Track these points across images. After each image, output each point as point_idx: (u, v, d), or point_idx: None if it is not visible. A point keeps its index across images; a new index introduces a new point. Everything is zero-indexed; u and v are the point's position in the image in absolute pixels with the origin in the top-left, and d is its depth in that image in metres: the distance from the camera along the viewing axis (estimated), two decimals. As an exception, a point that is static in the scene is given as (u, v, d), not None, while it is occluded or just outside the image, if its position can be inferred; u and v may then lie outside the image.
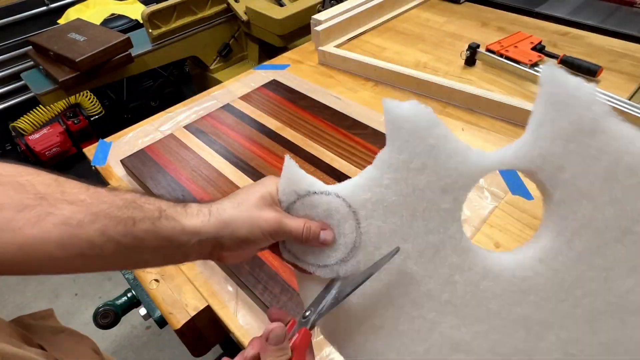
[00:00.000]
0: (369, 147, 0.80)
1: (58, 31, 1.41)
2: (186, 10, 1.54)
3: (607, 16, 1.24)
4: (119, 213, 0.34)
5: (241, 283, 0.61)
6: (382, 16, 1.33)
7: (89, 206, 0.33)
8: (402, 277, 0.37)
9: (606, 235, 0.33)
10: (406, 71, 1.01)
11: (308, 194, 0.38)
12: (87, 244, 0.32)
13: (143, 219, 0.34)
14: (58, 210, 0.32)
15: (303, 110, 0.92)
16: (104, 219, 0.33)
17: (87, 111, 2.13)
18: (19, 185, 0.32)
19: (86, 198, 0.34)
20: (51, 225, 0.31)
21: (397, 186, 0.36)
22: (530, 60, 1.03)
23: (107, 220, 0.33)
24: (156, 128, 0.95)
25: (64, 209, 0.32)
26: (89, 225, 0.32)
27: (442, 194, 0.35)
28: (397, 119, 0.35)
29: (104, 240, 0.32)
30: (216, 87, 1.08)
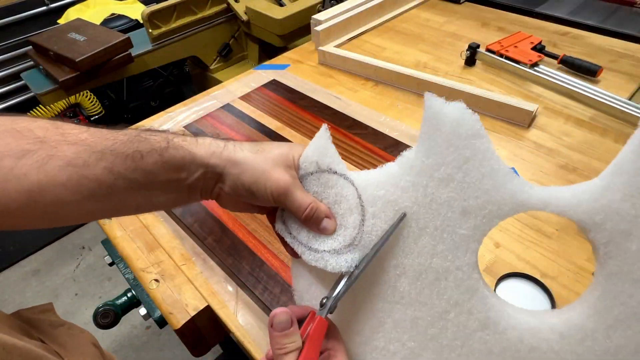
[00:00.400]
0: (369, 147, 0.80)
1: (58, 31, 1.42)
2: (186, 10, 1.54)
3: (607, 16, 1.24)
4: (124, 148, 0.32)
5: (241, 283, 0.61)
6: (382, 16, 1.33)
7: (92, 145, 0.32)
8: (391, 292, 0.33)
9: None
10: (406, 71, 1.01)
11: (328, 171, 0.36)
12: (96, 183, 0.31)
13: (150, 151, 0.32)
14: (60, 152, 0.30)
15: (303, 110, 0.92)
16: (110, 156, 0.31)
17: (87, 111, 2.13)
18: (16, 132, 0.31)
19: (87, 137, 0.32)
20: (57, 168, 0.30)
21: (415, 192, 0.32)
22: (530, 60, 1.03)
23: (113, 157, 0.31)
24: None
25: (67, 150, 0.31)
26: (96, 164, 0.31)
27: (462, 216, 0.30)
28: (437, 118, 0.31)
29: (112, 178, 0.31)
30: (216, 87, 1.08)
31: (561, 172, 0.79)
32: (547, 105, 0.95)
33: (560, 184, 0.77)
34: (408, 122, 0.92)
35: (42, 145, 0.30)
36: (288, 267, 0.60)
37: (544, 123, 0.90)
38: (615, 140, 0.85)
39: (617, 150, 0.87)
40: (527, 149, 0.84)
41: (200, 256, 0.67)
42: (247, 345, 0.57)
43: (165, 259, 0.68)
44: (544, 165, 0.80)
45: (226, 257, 0.63)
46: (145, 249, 0.69)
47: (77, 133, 0.32)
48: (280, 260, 0.61)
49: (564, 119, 0.91)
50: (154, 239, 0.71)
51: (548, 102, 0.96)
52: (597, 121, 0.90)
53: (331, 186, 0.36)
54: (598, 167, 0.79)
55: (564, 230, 0.68)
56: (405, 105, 0.98)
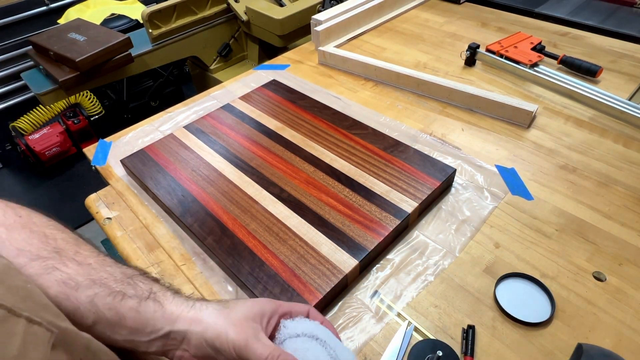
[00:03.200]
0: (369, 147, 0.80)
1: (58, 31, 1.42)
2: (186, 10, 1.54)
3: (607, 16, 1.25)
4: (113, 285, 0.35)
5: (241, 283, 0.61)
6: (382, 16, 1.33)
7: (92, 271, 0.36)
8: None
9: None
10: (406, 71, 1.01)
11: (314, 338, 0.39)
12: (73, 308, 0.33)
13: (132, 296, 0.35)
14: (65, 267, 0.35)
15: (303, 110, 0.92)
16: (97, 288, 0.35)
17: (87, 111, 2.13)
18: (44, 236, 0.36)
19: (92, 263, 0.36)
20: (53, 281, 0.33)
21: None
22: (530, 61, 1.03)
23: (99, 290, 0.35)
24: (156, 128, 0.95)
25: (70, 268, 0.35)
26: (84, 290, 0.34)
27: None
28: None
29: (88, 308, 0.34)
30: (216, 87, 1.08)
31: (561, 172, 0.79)
32: (547, 105, 0.95)
33: (560, 184, 0.78)
34: (408, 122, 0.92)
35: (55, 255, 0.35)
36: (288, 267, 0.61)
37: (543, 123, 0.90)
38: (615, 141, 0.85)
39: (616, 150, 0.88)
40: (527, 149, 0.84)
41: (200, 256, 0.68)
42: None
43: (165, 259, 0.68)
44: (543, 166, 0.80)
45: (226, 257, 0.63)
46: (145, 249, 0.69)
47: (87, 255, 0.37)
48: (280, 260, 0.61)
49: (564, 119, 0.91)
50: (153, 239, 0.71)
51: (548, 102, 0.96)
52: (596, 121, 0.90)
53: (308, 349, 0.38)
54: (598, 167, 0.79)
55: (563, 230, 0.68)
56: (405, 105, 0.98)
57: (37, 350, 0.22)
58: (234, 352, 0.35)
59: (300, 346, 0.38)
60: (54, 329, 0.24)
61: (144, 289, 0.37)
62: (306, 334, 0.39)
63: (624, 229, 0.68)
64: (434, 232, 0.69)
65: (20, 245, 0.34)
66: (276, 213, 0.69)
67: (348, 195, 0.71)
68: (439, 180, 0.72)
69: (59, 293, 0.33)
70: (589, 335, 0.55)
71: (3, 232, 0.35)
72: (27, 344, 0.21)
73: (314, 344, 0.39)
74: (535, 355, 0.53)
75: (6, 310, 0.21)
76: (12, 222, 0.36)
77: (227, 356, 0.35)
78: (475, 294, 0.60)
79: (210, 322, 0.36)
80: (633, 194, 0.74)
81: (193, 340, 0.35)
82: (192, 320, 0.36)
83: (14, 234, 0.35)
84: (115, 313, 0.34)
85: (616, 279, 0.61)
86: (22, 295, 0.23)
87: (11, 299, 0.22)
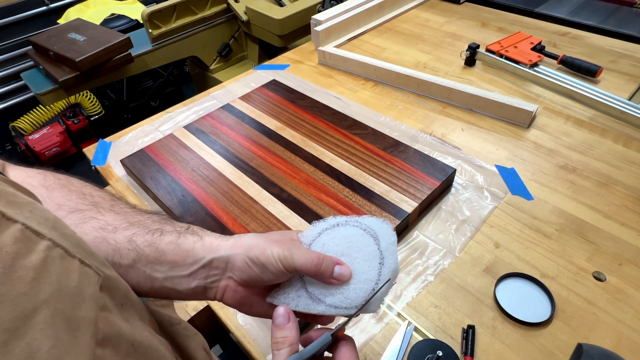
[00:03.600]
0: (369, 147, 0.80)
1: (58, 31, 1.41)
2: (186, 10, 1.54)
3: (607, 16, 1.25)
4: (151, 224, 0.37)
5: (241, 283, 0.61)
6: (382, 16, 1.33)
7: (129, 216, 0.37)
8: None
9: None
10: (406, 71, 1.01)
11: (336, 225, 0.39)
12: (112, 249, 0.34)
13: (171, 231, 0.37)
14: (102, 216, 0.36)
15: (303, 110, 0.92)
16: (136, 228, 0.36)
17: (87, 111, 2.13)
18: (82, 193, 0.38)
19: (129, 211, 0.38)
20: (90, 228, 0.35)
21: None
22: (530, 61, 1.03)
23: (138, 229, 0.36)
24: (156, 128, 0.95)
25: (107, 217, 0.36)
26: (122, 232, 0.35)
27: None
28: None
29: (128, 247, 0.35)
30: (216, 87, 1.08)
31: (561, 172, 0.79)
32: (547, 105, 0.95)
33: (560, 184, 0.78)
34: (408, 122, 0.92)
35: (92, 207, 0.37)
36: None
37: (543, 123, 0.90)
38: (615, 141, 0.85)
39: (616, 150, 0.88)
40: (527, 149, 0.84)
41: (200, 256, 0.67)
42: (247, 345, 0.57)
43: (165, 259, 0.68)
44: (543, 165, 0.80)
45: (226, 257, 0.63)
46: (145, 249, 0.69)
47: (124, 206, 0.38)
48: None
49: (564, 119, 0.91)
50: (153, 239, 0.71)
51: (548, 102, 0.96)
52: (596, 121, 0.90)
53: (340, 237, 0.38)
54: (598, 167, 0.79)
55: (563, 230, 0.68)
56: (405, 105, 0.98)
57: (90, 287, 0.24)
58: (280, 264, 0.35)
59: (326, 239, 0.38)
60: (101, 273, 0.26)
61: (182, 225, 0.38)
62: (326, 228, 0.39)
63: (624, 229, 0.68)
64: (434, 232, 0.69)
65: (59, 201, 0.36)
66: (276, 213, 0.69)
67: (348, 195, 0.71)
68: (439, 180, 0.72)
69: (96, 238, 0.34)
70: (588, 335, 0.55)
71: (44, 191, 0.36)
72: (82, 280, 0.24)
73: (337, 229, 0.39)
74: (535, 355, 0.53)
75: (64, 251, 0.23)
76: (51, 183, 0.38)
77: (274, 270, 0.35)
78: (475, 293, 0.60)
79: (252, 243, 0.36)
80: (633, 193, 0.74)
81: (237, 263, 0.36)
82: (233, 245, 0.36)
83: (54, 193, 0.37)
84: (155, 249, 0.35)
85: (616, 279, 0.61)
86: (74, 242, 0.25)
87: (66, 242, 0.24)
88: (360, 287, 0.36)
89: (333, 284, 0.36)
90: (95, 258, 0.26)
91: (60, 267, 0.22)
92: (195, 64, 1.81)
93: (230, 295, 0.37)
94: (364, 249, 0.37)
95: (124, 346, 0.25)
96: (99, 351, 0.23)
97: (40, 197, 0.35)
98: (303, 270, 0.35)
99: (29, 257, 0.21)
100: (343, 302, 0.35)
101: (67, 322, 0.21)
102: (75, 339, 0.21)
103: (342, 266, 0.36)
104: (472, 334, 0.55)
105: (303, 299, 0.36)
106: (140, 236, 0.35)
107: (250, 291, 0.37)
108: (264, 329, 0.58)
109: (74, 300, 0.22)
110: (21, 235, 0.21)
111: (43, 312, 0.20)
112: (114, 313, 0.26)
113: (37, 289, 0.20)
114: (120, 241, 0.35)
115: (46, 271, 0.21)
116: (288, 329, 0.34)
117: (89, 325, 0.23)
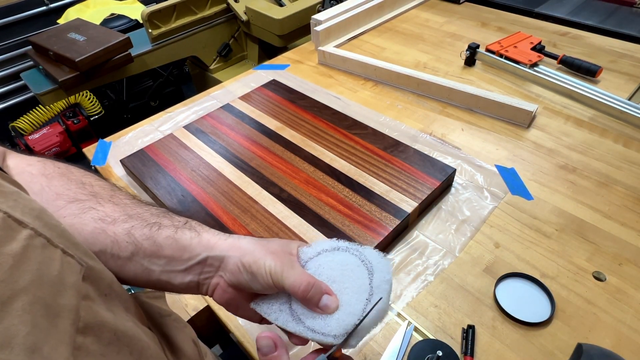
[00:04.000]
0: (369, 147, 0.80)
1: (58, 31, 1.42)
2: (186, 10, 1.54)
3: (607, 16, 1.25)
4: (150, 218, 0.37)
5: (241, 283, 0.61)
6: (382, 16, 1.33)
7: (128, 208, 0.37)
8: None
9: None
10: (406, 71, 1.01)
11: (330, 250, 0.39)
12: (110, 241, 0.34)
13: (169, 225, 0.36)
14: (101, 207, 0.36)
15: (303, 110, 0.92)
16: (135, 220, 0.36)
17: (87, 111, 2.13)
18: (81, 183, 0.38)
19: (128, 203, 0.38)
20: (89, 219, 0.35)
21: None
22: (530, 61, 1.03)
23: (137, 222, 0.36)
24: (156, 128, 0.95)
25: (107, 208, 0.36)
26: (120, 224, 0.35)
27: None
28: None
29: (126, 240, 0.35)
30: (216, 87, 1.08)
31: (561, 172, 0.79)
32: (547, 105, 0.95)
33: (560, 184, 0.78)
34: (408, 122, 0.92)
35: (91, 198, 0.37)
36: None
37: (543, 123, 0.90)
38: (615, 141, 0.85)
39: (616, 150, 0.88)
40: (527, 149, 0.84)
41: (200, 256, 0.67)
42: (247, 345, 0.57)
43: (165, 259, 0.68)
44: (543, 165, 0.80)
45: (226, 257, 0.63)
46: (145, 249, 0.69)
47: (123, 198, 0.38)
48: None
49: (564, 119, 0.91)
50: (153, 239, 0.71)
51: (548, 102, 0.96)
52: (596, 121, 0.90)
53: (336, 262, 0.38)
54: (598, 167, 0.79)
55: (563, 230, 0.68)
56: (405, 105, 0.98)
57: (72, 277, 0.24)
58: (270, 278, 0.35)
59: (323, 261, 0.38)
60: (84, 263, 0.26)
61: (180, 220, 0.38)
62: (326, 250, 0.39)
63: (624, 228, 0.68)
64: (433, 232, 0.69)
65: (58, 191, 0.36)
66: (276, 213, 0.69)
67: (348, 195, 0.71)
68: (439, 180, 0.72)
69: (95, 229, 0.34)
70: (588, 335, 0.55)
71: (44, 180, 0.36)
72: (64, 269, 0.24)
73: (336, 253, 0.39)
74: (535, 355, 0.53)
75: (46, 240, 0.23)
76: (51, 172, 0.38)
77: (262, 282, 0.35)
78: (475, 293, 0.60)
79: (249, 249, 0.36)
80: (633, 193, 0.74)
81: (230, 265, 0.35)
82: (230, 247, 0.36)
83: (53, 181, 0.37)
84: (153, 242, 0.35)
85: (616, 278, 0.61)
86: (57, 232, 0.25)
87: (49, 232, 0.24)
88: (342, 319, 0.35)
89: (317, 312, 0.35)
90: (79, 248, 0.26)
91: (41, 255, 0.23)
92: (195, 64, 1.81)
93: (219, 294, 0.37)
94: (356, 280, 0.37)
95: (106, 335, 0.26)
96: (79, 339, 0.23)
97: (39, 186, 0.36)
98: (291, 291, 0.35)
99: (9, 244, 0.21)
100: (322, 328, 0.35)
101: (47, 309, 0.22)
102: (54, 326, 0.22)
103: (330, 297, 0.35)
104: (472, 334, 0.55)
105: (284, 314, 0.36)
106: (139, 229, 0.35)
107: (238, 294, 0.37)
108: (264, 329, 0.58)
109: (55, 288, 0.23)
110: (2, 223, 0.21)
111: (21, 298, 0.20)
112: (97, 302, 0.26)
113: (15, 276, 0.21)
114: (119, 233, 0.35)
115: (26, 259, 0.22)
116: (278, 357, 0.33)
117: (69, 313, 0.23)
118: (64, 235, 0.26)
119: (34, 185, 0.36)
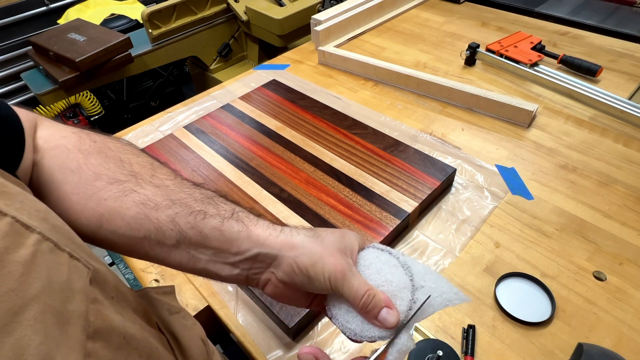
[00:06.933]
0: (369, 147, 0.80)
1: (58, 31, 1.42)
2: (186, 10, 1.54)
3: (607, 16, 1.24)
4: (194, 204, 0.34)
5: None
6: (382, 16, 1.33)
7: (170, 192, 0.35)
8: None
9: None
10: (406, 71, 1.01)
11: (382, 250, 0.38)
12: (154, 227, 0.33)
13: (214, 215, 0.34)
14: (142, 189, 0.34)
15: (303, 110, 0.92)
16: (178, 207, 0.34)
17: (87, 111, 2.13)
18: (120, 161, 0.36)
19: (170, 184, 0.36)
20: (131, 203, 0.33)
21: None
22: (530, 60, 1.03)
23: (181, 209, 0.34)
24: (156, 128, 0.95)
25: (148, 190, 0.34)
26: (164, 210, 0.34)
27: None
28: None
29: (170, 227, 0.33)
30: (216, 87, 1.08)
31: (561, 171, 0.79)
32: (547, 105, 0.95)
33: (561, 184, 0.78)
34: (408, 122, 0.92)
35: (132, 179, 0.35)
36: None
37: (544, 123, 0.90)
38: (615, 140, 0.85)
39: (616, 149, 0.88)
40: (527, 148, 0.84)
41: (200, 256, 0.67)
42: (247, 345, 0.57)
43: (165, 259, 0.68)
44: (544, 165, 0.80)
45: (226, 257, 0.63)
46: (145, 249, 0.69)
47: (164, 178, 0.36)
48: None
49: (564, 119, 0.91)
50: (154, 239, 0.71)
51: (548, 102, 0.96)
52: (596, 121, 0.90)
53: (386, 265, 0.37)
54: (598, 166, 0.79)
55: (564, 229, 0.68)
56: (405, 105, 0.98)
57: (80, 281, 0.24)
58: (328, 283, 0.33)
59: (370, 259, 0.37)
60: (90, 266, 0.25)
61: (226, 209, 0.35)
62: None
63: (624, 228, 0.68)
64: (434, 231, 0.69)
65: (97, 170, 0.34)
66: (276, 213, 0.69)
67: (348, 195, 0.71)
68: (439, 180, 0.72)
69: (137, 214, 0.33)
70: (589, 334, 0.55)
71: (80, 157, 0.35)
72: (71, 274, 0.23)
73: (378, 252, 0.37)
74: (535, 354, 0.53)
75: (53, 244, 0.23)
76: (87, 147, 0.36)
77: (320, 286, 0.33)
78: (475, 293, 0.60)
79: (305, 249, 0.34)
80: (633, 193, 0.74)
81: (283, 265, 0.34)
82: (284, 245, 0.34)
83: (90, 159, 0.35)
84: (198, 232, 0.33)
85: (616, 278, 0.61)
86: (63, 234, 0.24)
87: (55, 235, 0.23)
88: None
89: (374, 325, 0.34)
90: (84, 250, 0.26)
91: (49, 261, 0.22)
92: (195, 64, 1.81)
93: (270, 289, 0.36)
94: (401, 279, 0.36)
95: (116, 339, 0.25)
96: (90, 345, 0.23)
97: (76, 163, 0.34)
98: (349, 301, 0.34)
99: (18, 251, 0.21)
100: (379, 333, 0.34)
101: (57, 317, 0.21)
102: (65, 334, 0.21)
103: (390, 310, 0.34)
104: (473, 333, 0.55)
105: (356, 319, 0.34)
106: (183, 217, 0.34)
107: (290, 288, 0.35)
108: (263, 329, 0.58)
109: (64, 294, 0.22)
110: (10, 229, 0.21)
111: (32, 307, 0.20)
112: (106, 305, 0.26)
113: (26, 284, 0.20)
114: (163, 220, 0.33)
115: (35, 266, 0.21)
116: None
117: (79, 319, 0.22)
118: (69, 237, 0.25)
119: (70, 162, 0.34)
